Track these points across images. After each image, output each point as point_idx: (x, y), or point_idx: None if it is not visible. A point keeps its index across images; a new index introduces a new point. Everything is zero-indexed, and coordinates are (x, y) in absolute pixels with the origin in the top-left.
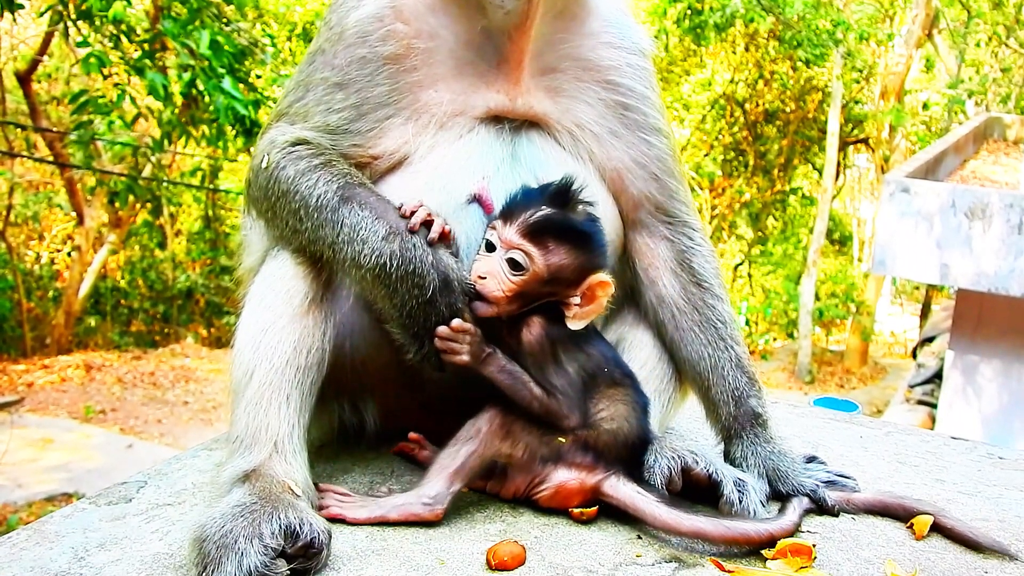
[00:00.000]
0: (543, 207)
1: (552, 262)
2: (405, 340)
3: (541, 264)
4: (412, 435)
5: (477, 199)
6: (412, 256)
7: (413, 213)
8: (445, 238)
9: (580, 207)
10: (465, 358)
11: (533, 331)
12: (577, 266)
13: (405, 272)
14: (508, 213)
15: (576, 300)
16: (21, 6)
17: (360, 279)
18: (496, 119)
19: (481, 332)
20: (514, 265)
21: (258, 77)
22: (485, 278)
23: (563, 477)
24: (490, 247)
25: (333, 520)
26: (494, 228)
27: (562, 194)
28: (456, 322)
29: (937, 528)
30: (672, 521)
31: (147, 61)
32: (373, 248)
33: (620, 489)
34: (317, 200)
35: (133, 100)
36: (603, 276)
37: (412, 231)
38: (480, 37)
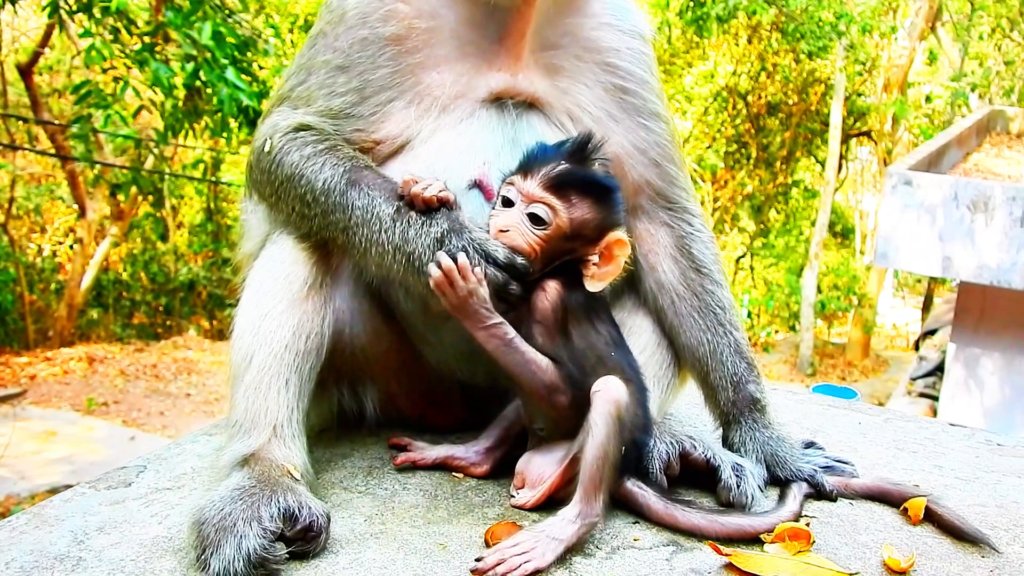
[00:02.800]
0: (563, 162)
1: (575, 216)
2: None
3: (565, 218)
4: (393, 441)
5: (478, 185)
6: (422, 216)
7: (416, 183)
8: (447, 203)
9: (597, 163)
10: (453, 300)
11: (549, 296)
12: (599, 221)
13: (417, 231)
14: (526, 168)
15: (595, 259)
16: None
17: (378, 257)
18: (498, 100)
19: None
20: (536, 220)
21: (261, 68)
22: (507, 231)
23: None
24: (507, 203)
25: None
26: (511, 184)
27: (580, 149)
28: (462, 258)
29: (927, 515)
30: (668, 517)
31: (147, 54)
32: (391, 223)
33: (622, 482)
34: (324, 184)
35: (137, 92)
36: (621, 234)
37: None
38: (482, 14)
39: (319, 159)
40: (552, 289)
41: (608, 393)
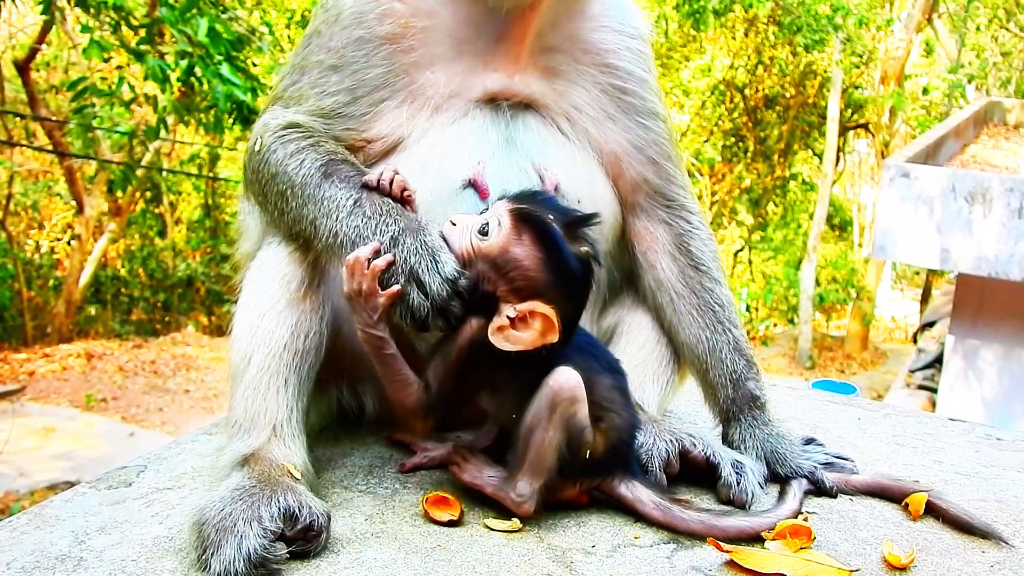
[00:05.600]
0: (551, 213)
1: (512, 252)
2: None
3: (500, 244)
4: (396, 438)
5: (472, 184)
6: (383, 208)
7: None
8: (408, 201)
9: (583, 246)
10: (345, 289)
11: (463, 333)
12: (531, 277)
13: (374, 228)
14: (519, 195)
15: (510, 313)
16: None
17: (339, 249)
18: (492, 101)
19: (393, 322)
20: (482, 229)
21: (255, 65)
22: (456, 225)
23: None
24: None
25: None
26: (497, 205)
27: (577, 221)
28: (381, 261)
29: (931, 510)
30: (663, 521)
31: (146, 46)
32: (347, 214)
33: (615, 485)
34: (301, 179)
35: (131, 87)
36: (550, 310)
37: (381, 190)
38: (480, 14)
39: (301, 155)
40: (468, 328)
41: (552, 379)
